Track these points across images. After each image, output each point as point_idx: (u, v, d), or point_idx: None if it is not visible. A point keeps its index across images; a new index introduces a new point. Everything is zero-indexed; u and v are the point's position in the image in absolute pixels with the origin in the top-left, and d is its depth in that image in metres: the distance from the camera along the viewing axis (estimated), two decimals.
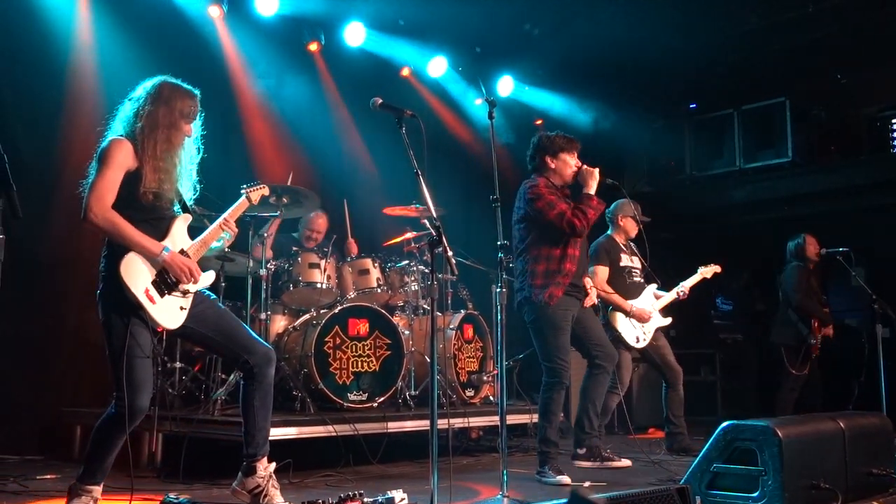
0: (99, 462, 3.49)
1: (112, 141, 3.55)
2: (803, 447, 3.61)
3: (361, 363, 5.57)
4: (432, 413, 3.72)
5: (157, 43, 6.49)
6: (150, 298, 3.46)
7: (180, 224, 3.69)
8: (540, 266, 4.82)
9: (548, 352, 4.83)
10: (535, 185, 4.87)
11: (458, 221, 7.83)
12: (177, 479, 4.62)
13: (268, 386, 3.76)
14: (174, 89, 3.69)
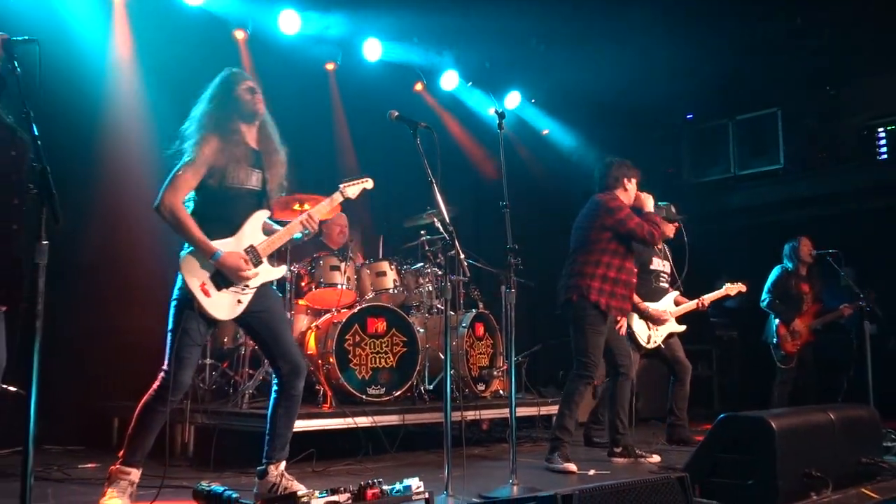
0: (140, 440, 3.51)
1: (200, 136, 3.54)
2: (796, 437, 3.60)
3: (379, 359, 5.57)
4: (446, 406, 3.73)
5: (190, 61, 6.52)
6: (206, 292, 3.49)
7: (255, 219, 3.67)
8: (599, 271, 4.86)
9: (583, 348, 4.84)
10: (616, 199, 5.01)
11: (468, 225, 7.83)
12: (208, 467, 4.63)
13: (293, 398, 3.75)
14: (235, 74, 3.71)
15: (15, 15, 5.12)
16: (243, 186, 3.63)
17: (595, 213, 4.99)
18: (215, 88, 3.69)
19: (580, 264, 4.94)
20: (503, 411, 5.95)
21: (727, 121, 9.19)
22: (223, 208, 3.60)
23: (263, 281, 3.68)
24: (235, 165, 3.58)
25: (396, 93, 8.03)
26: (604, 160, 5.28)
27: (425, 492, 3.32)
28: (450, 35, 7.86)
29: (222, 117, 3.61)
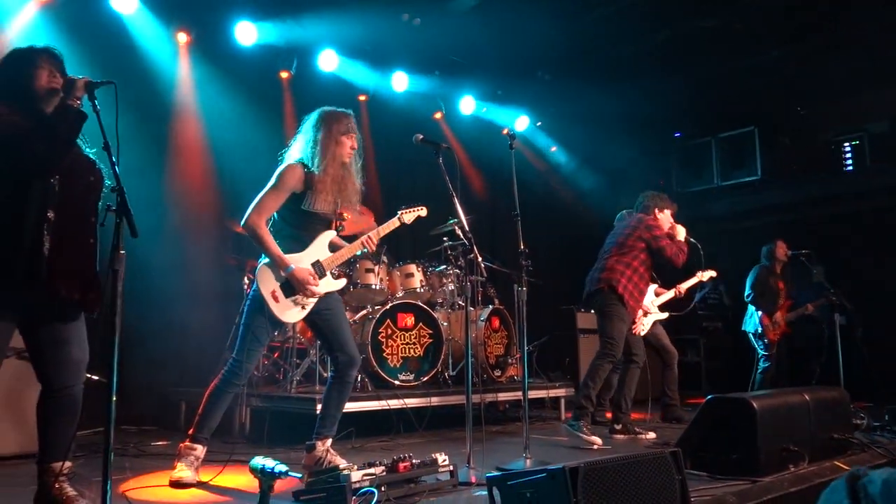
0: (208, 419, 3.56)
1: (287, 167, 3.57)
2: (774, 416, 3.56)
3: (409, 349, 5.58)
4: (467, 389, 3.72)
5: (243, 89, 6.58)
6: (275, 298, 3.54)
7: (323, 238, 3.70)
8: (628, 271, 4.96)
9: (609, 332, 4.90)
10: (656, 220, 5.20)
11: (485, 232, 7.82)
12: (262, 444, 4.65)
13: (346, 385, 3.77)
14: (331, 115, 3.67)
15: (99, 58, 5.19)
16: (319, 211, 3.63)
17: (636, 227, 5.10)
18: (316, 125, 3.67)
19: (614, 262, 5.01)
20: (517, 394, 5.93)
21: (710, 138, 9.13)
22: (302, 228, 3.64)
23: (325, 291, 3.69)
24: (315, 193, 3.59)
25: (420, 118, 8.06)
26: (645, 192, 5.45)
27: (450, 464, 3.32)
28: (466, 68, 7.88)
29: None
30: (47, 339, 2.80)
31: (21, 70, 2.76)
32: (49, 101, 2.75)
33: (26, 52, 2.81)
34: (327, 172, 3.57)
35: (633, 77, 7.77)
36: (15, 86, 2.73)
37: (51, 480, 2.77)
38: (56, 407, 2.81)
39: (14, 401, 4.03)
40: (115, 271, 2.32)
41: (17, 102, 2.69)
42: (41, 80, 2.76)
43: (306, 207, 3.56)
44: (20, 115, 2.64)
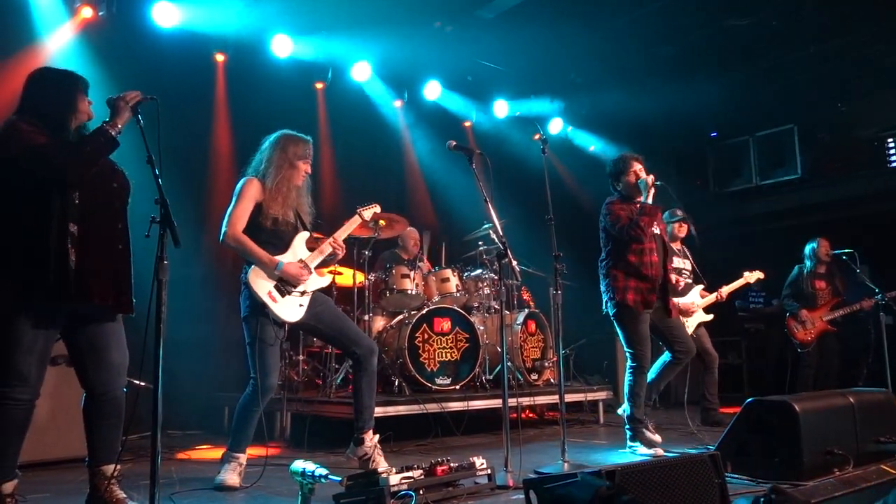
0: (242, 433, 3.64)
1: (245, 180, 3.73)
2: (818, 419, 3.48)
3: (445, 354, 5.59)
4: (504, 393, 3.73)
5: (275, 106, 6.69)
6: (273, 299, 3.62)
7: (299, 239, 3.81)
8: (615, 270, 4.59)
9: (629, 341, 4.59)
10: (609, 203, 4.68)
11: (520, 236, 7.79)
12: (302, 448, 4.71)
13: (371, 373, 3.84)
14: (289, 138, 3.82)
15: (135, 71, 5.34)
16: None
17: (601, 222, 4.73)
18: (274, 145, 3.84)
19: (602, 268, 4.73)
20: (554, 397, 5.90)
21: (748, 137, 8.96)
22: (273, 234, 3.74)
23: (315, 287, 3.79)
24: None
25: (453, 124, 8.11)
26: None
27: (488, 468, 3.33)
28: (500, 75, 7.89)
29: None
30: (87, 345, 2.89)
31: (62, 93, 2.86)
32: (80, 123, 2.87)
33: (70, 76, 2.92)
34: (279, 191, 3.71)
35: (668, 77, 7.70)
36: (50, 107, 2.83)
37: (101, 483, 2.86)
38: (100, 411, 2.90)
39: (65, 406, 4.16)
40: (160, 281, 2.39)
41: (47, 123, 2.78)
42: (82, 106, 2.88)
43: (272, 214, 3.68)
44: (44, 132, 2.74)
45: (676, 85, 7.79)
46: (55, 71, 2.95)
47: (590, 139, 9.22)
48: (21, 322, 2.68)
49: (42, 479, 3.71)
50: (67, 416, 4.13)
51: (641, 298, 4.54)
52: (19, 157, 2.67)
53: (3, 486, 2.70)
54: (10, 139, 2.69)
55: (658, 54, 7.47)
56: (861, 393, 3.99)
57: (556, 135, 8.79)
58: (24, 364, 2.69)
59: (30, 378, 2.72)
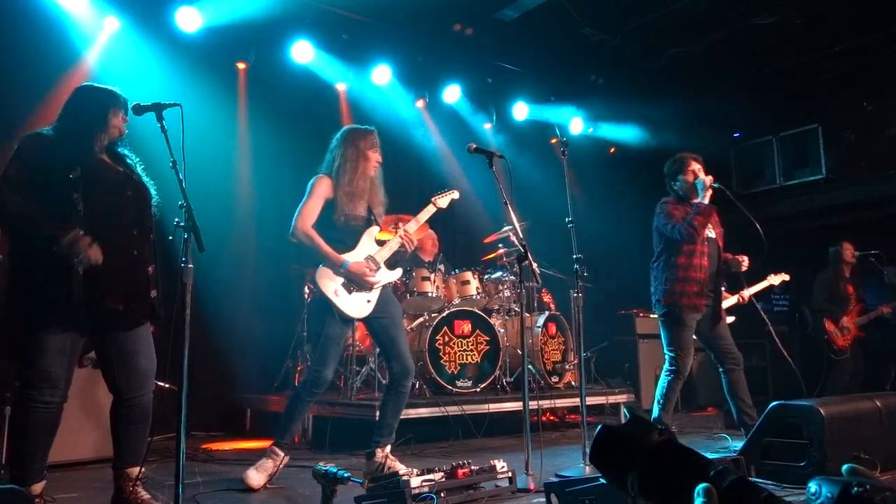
0: (289, 422, 3.68)
1: (316, 178, 3.78)
2: (844, 423, 3.44)
3: (466, 356, 5.60)
4: (524, 396, 3.72)
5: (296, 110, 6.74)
6: (338, 296, 3.66)
7: (368, 235, 3.84)
8: (666, 273, 4.47)
9: (671, 344, 4.50)
10: (664, 202, 4.60)
11: (541, 238, 7.78)
12: (324, 450, 4.75)
13: (402, 394, 3.84)
14: (356, 132, 3.87)
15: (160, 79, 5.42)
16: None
17: (654, 221, 4.62)
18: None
19: (652, 269, 4.61)
20: (575, 400, 5.87)
21: (771, 137, 8.85)
22: (343, 231, 3.77)
23: (385, 282, 3.82)
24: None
25: (473, 127, 8.11)
26: None
27: (508, 471, 3.33)
28: (519, 76, 7.89)
29: None
30: (114, 351, 2.93)
31: (87, 109, 2.93)
32: (111, 140, 2.95)
33: (100, 93, 2.99)
34: (356, 185, 3.74)
35: (690, 77, 7.64)
36: (71, 120, 2.89)
37: (126, 485, 2.90)
38: (127, 416, 2.94)
39: (91, 407, 4.23)
40: (185, 284, 2.43)
41: (64, 136, 2.84)
42: (114, 121, 2.94)
43: (342, 211, 3.71)
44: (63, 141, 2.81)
45: (699, 84, 7.74)
46: (90, 88, 3.02)
47: (610, 140, 9.17)
48: (47, 326, 2.74)
49: (70, 480, 3.77)
50: (95, 417, 4.20)
51: (689, 302, 4.40)
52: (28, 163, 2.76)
53: (33, 486, 2.76)
54: (25, 150, 2.79)
55: (680, 54, 7.42)
56: (888, 397, 3.94)
57: (577, 135, 8.75)
58: (51, 367, 2.74)
59: (58, 381, 2.77)
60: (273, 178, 6.66)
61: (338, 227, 3.73)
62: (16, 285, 2.79)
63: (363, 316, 3.74)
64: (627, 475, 0.86)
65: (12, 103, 4.95)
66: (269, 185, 6.65)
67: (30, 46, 5.16)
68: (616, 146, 9.27)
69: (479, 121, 8.18)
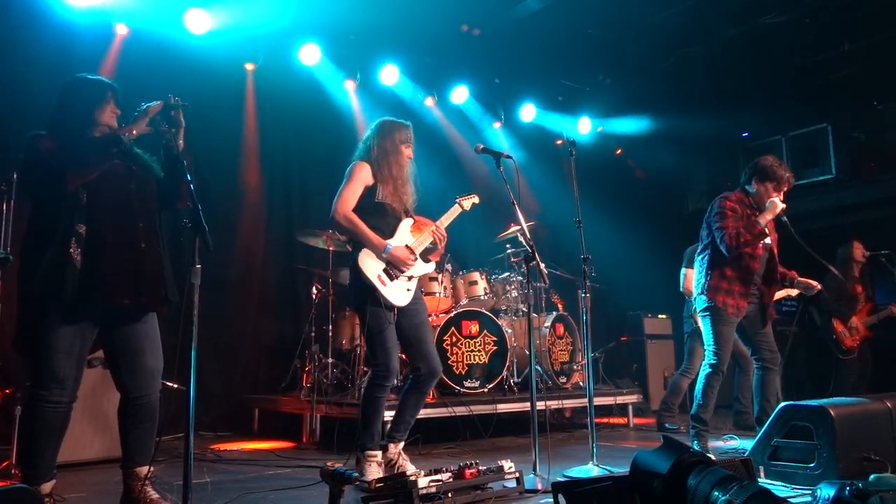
0: (371, 425, 3.63)
1: (356, 163, 3.77)
2: (854, 424, 3.41)
3: (474, 357, 5.59)
4: (532, 396, 3.71)
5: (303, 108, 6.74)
6: (382, 282, 3.64)
7: (405, 225, 3.84)
8: (715, 269, 4.36)
9: (709, 342, 4.40)
10: (724, 199, 4.40)
11: (548, 239, 7.77)
12: (331, 450, 4.74)
13: (424, 394, 3.83)
14: (392, 124, 3.86)
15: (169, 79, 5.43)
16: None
17: (708, 212, 4.49)
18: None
19: (700, 263, 4.49)
20: (583, 401, 5.86)
21: (780, 137, 8.80)
22: (381, 218, 3.76)
23: (422, 272, 3.84)
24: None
25: (480, 127, 8.10)
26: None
27: (516, 471, 3.32)
28: (527, 77, 7.87)
29: None
30: (122, 350, 2.94)
31: (88, 100, 2.93)
32: (103, 130, 2.93)
33: (97, 84, 2.99)
34: (390, 176, 3.74)
35: (699, 76, 7.61)
36: (75, 116, 2.89)
37: (135, 484, 2.91)
38: (135, 415, 2.95)
39: (100, 407, 4.25)
40: (192, 284, 2.43)
41: (61, 131, 2.84)
42: (104, 115, 2.94)
43: (380, 199, 3.71)
44: (54, 141, 2.79)
45: (708, 84, 7.70)
46: (83, 80, 3.00)
47: (617, 140, 9.14)
48: (56, 325, 2.75)
49: (79, 479, 3.79)
50: (104, 418, 4.22)
51: (733, 302, 4.32)
52: (41, 161, 2.74)
53: (42, 486, 2.77)
54: (27, 150, 2.77)
55: (689, 53, 7.38)
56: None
57: (585, 135, 8.73)
58: (60, 367, 2.76)
59: (67, 381, 2.78)
60: (281, 179, 6.68)
61: (376, 213, 3.71)
62: (22, 285, 2.80)
63: (404, 304, 3.71)
64: (654, 480, 0.91)
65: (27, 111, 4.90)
66: (277, 185, 6.67)
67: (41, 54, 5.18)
68: (623, 147, 9.24)
69: (487, 121, 8.17)
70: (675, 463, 0.93)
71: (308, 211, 6.65)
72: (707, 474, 0.98)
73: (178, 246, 2.74)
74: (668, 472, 0.96)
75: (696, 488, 0.98)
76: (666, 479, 0.96)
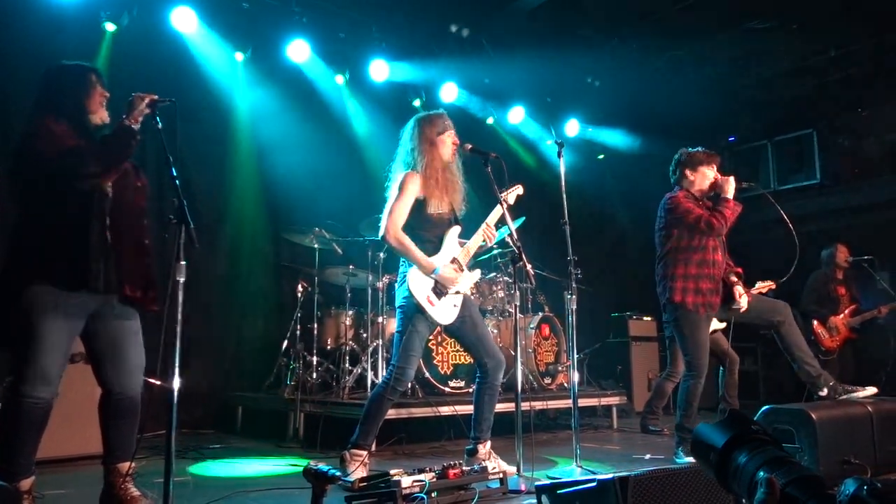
0: (371, 425, 3.62)
1: (406, 174, 3.67)
2: (835, 427, 3.45)
3: (459, 357, 5.59)
4: (517, 397, 3.73)
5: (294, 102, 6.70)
6: (431, 302, 3.63)
7: (451, 235, 3.80)
8: (678, 270, 4.27)
9: (686, 348, 4.33)
10: (674, 197, 4.39)
11: (535, 240, 7.78)
12: (315, 449, 4.72)
13: (496, 386, 3.82)
14: (423, 120, 3.79)
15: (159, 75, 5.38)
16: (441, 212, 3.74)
17: (658, 215, 4.46)
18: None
19: (660, 267, 4.40)
20: (567, 402, 5.86)
21: (766, 141, 8.89)
22: (431, 231, 3.73)
23: (469, 285, 3.81)
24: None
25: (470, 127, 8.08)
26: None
27: (500, 472, 3.32)
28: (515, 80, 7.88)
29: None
30: (106, 345, 2.92)
31: (76, 87, 2.90)
32: (98, 117, 2.90)
33: (79, 70, 2.95)
34: (436, 174, 3.66)
35: (686, 81, 7.65)
36: (68, 102, 2.86)
37: (116, 481, 2.88)
38: (116, 410, 2.92)
39: (82, 403, 4.19)
40: (177, 281, 2.41)
41: (69, 118, 2.82)
42: (95, 99, 2.91)
43: (430, 211, 3.66)
44: (72, 132, 2.78)
45: (694, 88, 7.75)
46: (66, 65, 2.97)
47: (605, 143, 9.17)
48: (47, 321, 2.71)
49: (59, 476, 3.75)
50: (84, 414, 4.15)
51: (703, 300, 4.25)
52: (55, 159, 2.70)
53: (21, 482, 2.73)
54: (41, 139, 2.72)
55: (676, 57, 7.43)
56: (880, 402, 3.94)
57: (573, 137, 8.75)
58: (49, 363, 2.72)
59: (51, 377, 2.75)
60: (268, 175, 6.63)
61: (426, 227, 3.68)
62: (25, 274, 2.74)
63: (450, 322, 3.71)
64: (710, 453, 1.01)
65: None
66: (262, 181, 6.62)
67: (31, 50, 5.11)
68: (608, 149, 9.27)
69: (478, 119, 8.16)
70: (729, 439, 1.04)
71: (294, 208, 6.61)
72: (758, 453, 1.06)
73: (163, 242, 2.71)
74: (722, 446, 1.05)
75: (744, 466, 1.07)
76: (720, 452, 1.05)
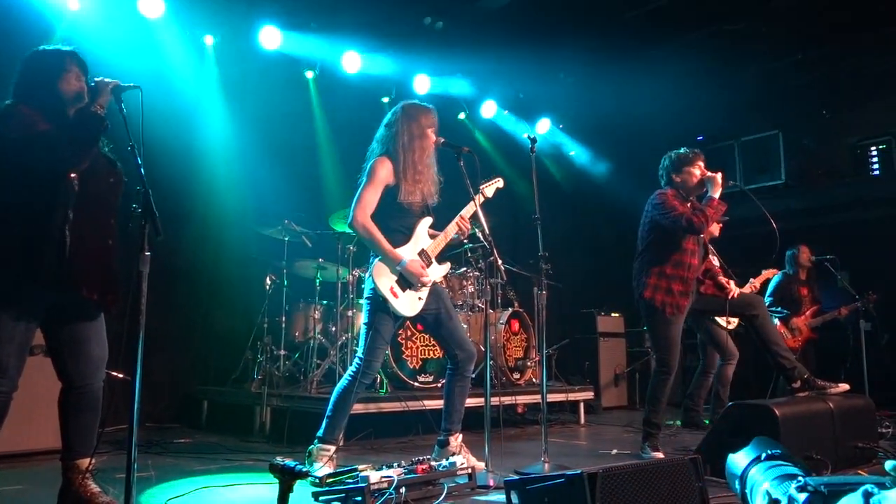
0: (337, 418, 3.57)
1: (377, 160, 3.59)
2: (797, 423, 3.51)
3: (428, 351, 5.58)
4: (486, 392, 3.72)
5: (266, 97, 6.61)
6: (394, 294, 3.56)
7: (422, 226, 3.74)
8: (654, 268, 4.33)
9: (657, 345, 4.38)
10: (662, 193, 4.41)
11: (506, 236, 7.80)
12: (282, 444, 4.68)
13: (467, 378, 3.81)
14: (417, 107, 3.71)
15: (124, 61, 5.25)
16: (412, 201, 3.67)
17: (645, 210, 4.48)
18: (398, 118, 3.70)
19: (638, 263, 4.45)
20: (536, 397, 5.91)
21: (733, 142, 9.03)
22: (402, 220, 3.67)
23: (437, 277, 3.75)
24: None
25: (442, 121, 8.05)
26: None
27: (468, 467, 3.32)
28: (489, 72, 7.86)
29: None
30: (67, 337, 2.83)
31: (49, 72, 2.79)
32: (74, 104, 2.79)
33: (54, 55, 2.85)
34: (415, 164, 3.60)
35: (656, 80, 7.72)
36: (42, 88, 2.76)
37: (75, 477, 2.81)
38: (77, 404, 2.84)
39: (40, 397, 4.09)
40: (140, 272, 2.35)
41: (43, 105, 2.72)
42: (69, 84, 2.80)
43: (401, 199, 3.58)
44: (44, 118, 2.67)
45: (663, 88, 7.82)
46: (42, 50, 2.87)
47: (575, 142, 9.23)
48: (5, 309, 2.62)
49: (15, 471, 3.65)
50: (43, 407, 4.06)
51: (672, 301, 4.29)
52: (25, 143, 2.60)
53: None
54: (11, 121, 2.62)
55: (647, 57, 7.49)
56: (840, 398, 4.03)
57: (544, 134, 8.78)
58: (3, 356, 2.63)
59: (8, 369, 2.66)
60: (237, 165, 6.52)
61: (396, 216, 3.61)
62: None
63: (415, 314, 3.67)
64: (734, 481, 1.10)
65: None
66: (231, 172, 6.51)
67: None
68: (577, 148, 9.32)
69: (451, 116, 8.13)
70: (747, 465, 1.11)
71: (263, 200, 6.52)
72: (768, 469, 1.13)
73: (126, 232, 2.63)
74: (741, 473, 1.11)
75: (755, 485, 1.13)
76: (739, 479, 1.10)
